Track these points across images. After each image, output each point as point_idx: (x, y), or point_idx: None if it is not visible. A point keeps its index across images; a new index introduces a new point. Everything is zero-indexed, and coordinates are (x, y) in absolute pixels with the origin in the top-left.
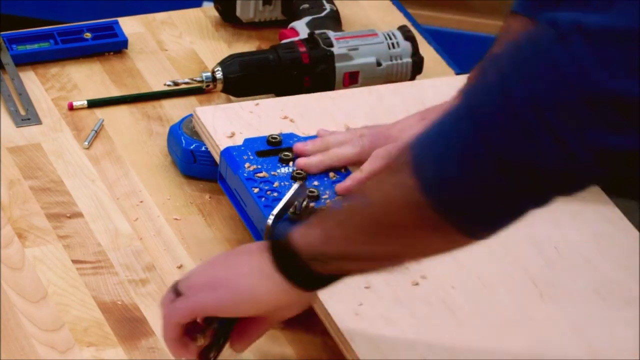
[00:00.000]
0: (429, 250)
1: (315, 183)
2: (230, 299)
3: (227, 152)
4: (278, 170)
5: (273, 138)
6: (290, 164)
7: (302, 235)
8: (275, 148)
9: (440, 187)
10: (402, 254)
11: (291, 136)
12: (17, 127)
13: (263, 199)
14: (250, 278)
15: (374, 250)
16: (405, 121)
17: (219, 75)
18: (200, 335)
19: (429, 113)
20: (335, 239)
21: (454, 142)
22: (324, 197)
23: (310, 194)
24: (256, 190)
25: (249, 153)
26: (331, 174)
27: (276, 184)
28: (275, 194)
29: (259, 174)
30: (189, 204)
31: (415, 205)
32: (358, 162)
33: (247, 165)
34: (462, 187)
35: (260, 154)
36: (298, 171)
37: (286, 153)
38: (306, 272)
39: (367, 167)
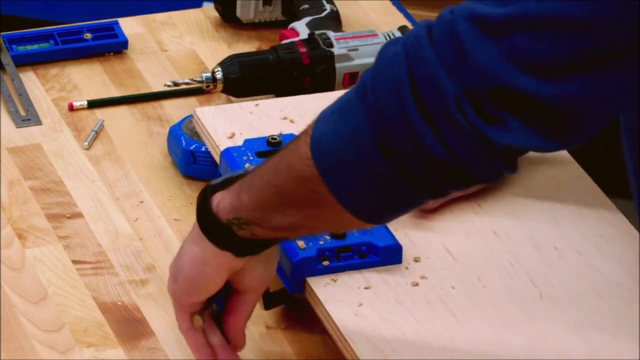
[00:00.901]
0: (327, 225)
1: None
2: (187, 285)
3: (227, 153)
4: None
5: (273, 139)
6: None
7: (220, 200)
8: (276, 149)
9: (329, 164)
10: (304, 226)
11: (291, 137)
12: (17, 127)
13: None
14: (192, 255)
15: (279, 219)
16: None
17: (219, 75)
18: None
19: None
20: (245, 204)
21: (348, 121)
22: None
23: None
24: None
25: (249, 154)
26: None
27: None
28: None
29: None
30: (189, 205)
31: (308, 177)
32: None
33: (247, 166)
34: (350, 168)
35: (260, 154)
36: None
37: None
38: (228, 235)
39: None
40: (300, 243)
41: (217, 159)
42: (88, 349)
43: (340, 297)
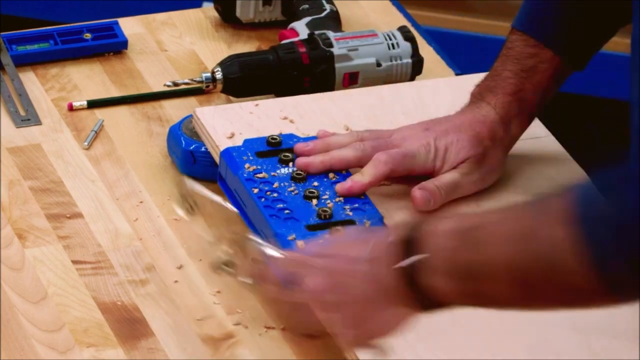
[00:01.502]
0: (571, 305)
1: (315, 184)
2: (368, 333)
3: (226, 153)
4: (278, 171)
5: (273, 139)
6: (290, 164)
7: (439, 286)
8: (275, 149)
9: (615, 265)
10: (540, 305)
11: (291, 137)
12: (17, 127)
13: (263, 199)
14: (382, 312)
15: (517, 300)
16: (407, 130)
17: (218, 75)
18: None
19: (434, 124)
20: (481, 295)
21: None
22: (324, 197)
23: (309, 194)
24: (256, 190)
25: (249, 154)
26: (331, 175)
27: (276, 184)
28: (275, 195)
29: (258, 175)
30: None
31: (583, 269)
32: (358, 165)
33: (247, 166)
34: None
35: (260, 154)
36: (298, 172)
37: (286, 154)
38: (435, 304)
39: (369, 171)
40: (300, 243)
41: (217, 159)
42: (88, 349)
43: None
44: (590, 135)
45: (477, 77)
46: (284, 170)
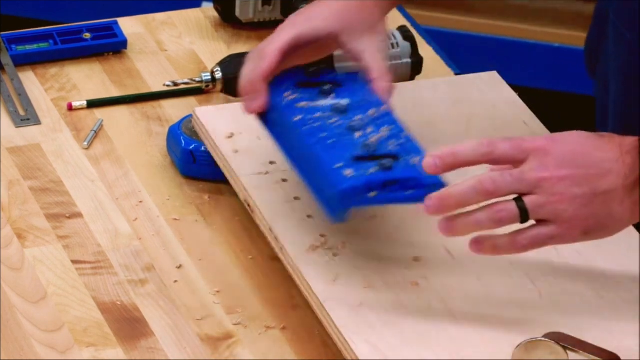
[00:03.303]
0: None
1: (357, 117)
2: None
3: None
4: (318, 102)
5: (311, 69)
6: (332, 96)
7: None
8: (315, 80)
9: None
10: None
11: (328, 71)
12: (17, 127)
13: (305, 127)
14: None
15: None
16: None
17: (218, 75)
18: None
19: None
20: None
21: None
22: (367, 130)
23: (353, 126)
24: (298, 118)
25: (288, 84)
26: (371, 111)
27: (318, 114)
28: (318, 124)
29: (299, 104)
30: (188, 205)
31: None
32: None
33: (286, 94)
34: None
35: (301, 84)
36: (339, 103)
37: (327, 85)
38: None
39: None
40: (349, 171)
41: (216, 158)
42: (87, 348)
43: (340, 297)
44: None
45: (477, 77)
46: (326, 102)
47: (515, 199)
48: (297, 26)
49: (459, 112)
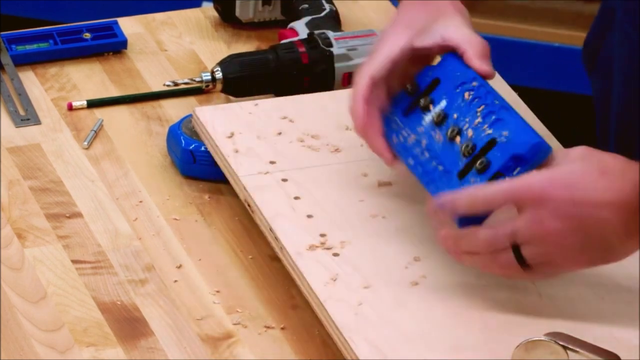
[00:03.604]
0: None
1: (455, 116)
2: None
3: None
4: (423, 122)
5: (410, 87)
6: (431, 107)
7: None
8: (415, 97)
9: None
10: None
11: (425, 72)
12: (17, 127)
13: (419, 167)
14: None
15: None
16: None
17: (218, 75)
18: None
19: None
20: None
21: None
22: (464, 127)
23: (452, 134)
24: (411, 162)
25: (395, 117)
26: (466, 95)
27: (424, 141)
28: (427, 155)
29: (410, 139)
30: (188, 204)
31: None
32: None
33: (395, 138)
34: None
35: (405, 113)
36: (438, 114)
37: (425, 98)
38: None
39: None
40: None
41: (216, 158)
42: (87, 348)
43: (340, 296)
44: (590, 135)
45: None
46: (428, 118)
47: (513, 249)
48: (373, 65)
49: None
